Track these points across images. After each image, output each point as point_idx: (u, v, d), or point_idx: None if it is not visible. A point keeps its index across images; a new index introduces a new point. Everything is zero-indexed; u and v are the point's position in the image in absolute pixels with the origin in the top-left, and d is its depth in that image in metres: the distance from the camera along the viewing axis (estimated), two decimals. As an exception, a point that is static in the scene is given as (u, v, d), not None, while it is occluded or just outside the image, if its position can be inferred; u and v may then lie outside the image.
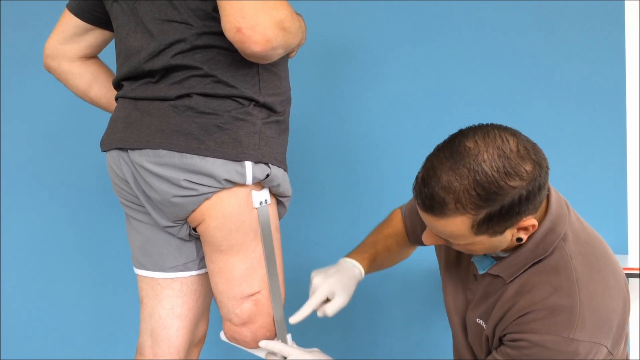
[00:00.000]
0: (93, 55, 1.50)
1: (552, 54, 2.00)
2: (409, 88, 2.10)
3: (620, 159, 1.90)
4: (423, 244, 1.52)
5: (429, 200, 1.10)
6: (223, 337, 1.42)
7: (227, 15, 1.12)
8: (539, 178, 1.09)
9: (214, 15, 1.20)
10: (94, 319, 2.33)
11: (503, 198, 1.07)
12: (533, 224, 1.13)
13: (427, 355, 2.14)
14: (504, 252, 1.22)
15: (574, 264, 1.16)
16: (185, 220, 1.33)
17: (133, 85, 1.30)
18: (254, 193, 1.29)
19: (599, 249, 1.22)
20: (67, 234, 2.32)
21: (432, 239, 1.23)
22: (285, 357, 1.36)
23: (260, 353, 1.41)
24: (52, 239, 2.32)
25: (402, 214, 1.53)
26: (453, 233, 1.13)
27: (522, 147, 1.08)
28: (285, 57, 1.35)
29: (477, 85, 2.05)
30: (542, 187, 1.10)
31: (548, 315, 1.13)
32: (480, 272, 1.28)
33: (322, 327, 1.41)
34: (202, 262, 1.42)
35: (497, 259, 1.25)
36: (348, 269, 1.41)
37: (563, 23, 2.00)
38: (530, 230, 1.15)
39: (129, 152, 1.28)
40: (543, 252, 1.18)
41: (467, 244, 1.17)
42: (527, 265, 1.19)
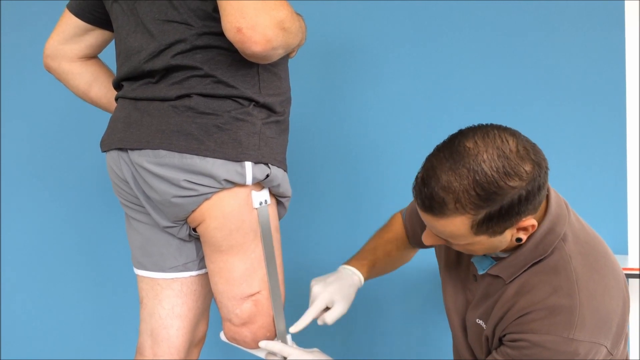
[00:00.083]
0: (93, 56, 1.50)
1: (552, 54, 2.00)
2: (409, 88, 2.10)
3: (620, 159, 1.89)
4: (424, 247, 1.52)
5: (429, 200, 1.10)
6: (223, 337, 1.42)
7: (227, 16, 1.12)
8: (539, 178, 1.09)
9: (214, 16, 1.20)
10: (94, 319, 2.33)
11: (502, 198, 1.07)
12: (532, 224, 1.13)
13: (427, 356, 2.14)
14: (504, 252, 1.22)
15: (574, 264, 1.17)
16: (185, 221, 1.33)
17: (133, 86, 1.30)
18: (254, 193, 1.29)
19: (599, 249, 1.22)
20: (67, 234, 2.32)
21: (431, 239, 1.23)
22: (285, 357, 1.36)
23: (260, 353, 1.41)
24: (52, 239, 2.32)
25: (402, 218, 1.53)
26: (453, 233, 1.13)
27: (521, 147, 1.09)
28: (286, 57, 1.35)
29: (477, 85, 2.05)
30: (541, 187, 1.10)
31: (548, 316, 1.13)
32: (480, 272, 1.28)
33: (322, 327, 1.41)
34: (202, 262, 1.42)
35: (496, 260, 1.25)
36: (347, 277, 1.41)
37: (563, 23, 1.99)
38: (530, 231, 1.15)
39: (129, 152, 1.28)
40: (543, 252, 1.18)
41: (466, 244, 1.17)
42: (526, 266, 1.19)
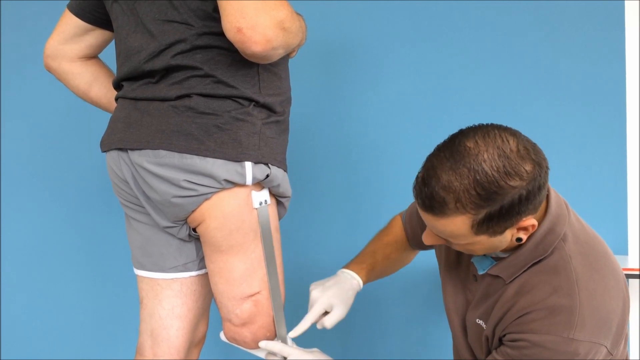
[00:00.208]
0: (93, 56, 1.50)
1: (552, 54, 2.00)
2: (409, 88, 2.10)
3: (620, 159, 1.89)
4: (424, 248, 1.52)
5: (429, 200, 1.10)
6: (223, 337, 1.42)
7: (227, 16, 1.12)
8: (539, 178, 1.09)
9: (214, 16, 1.20)
10: (94, 319, 2.33)
11: (503, 198, 1.07)
12: (533, 224, 1.13)
13: (427, 356, 2.14)
14: (504, 252, 1.22)
15: (574, 264, 1.17)
16: (185, 221, 1.33)
17: (133, 86, 1.30)
18: (254, 193, 1.29)
19: (599, 249, 1.22)
20: (67, 234, 2.32)
21: (432, 239, 1.23)
22: (285, 357, 1.36)
23: (260, 353, 1.41)
24: (52, 239, 2.32)
25: (402, 220, 1.53)
26: (453, 233, 1.13)
27: (522, 147, 1.09)
28: (286, 57, 1.35)
29: (477, 85, 2.05)
30: (542, 187, 1.10)
31: (548, 316, 1.13)
32: (480, 272, 1.28)
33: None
34: (202, 262, 1.42)
35: (496, 260, 1.25)
36: (346, 281, 1.41)
37: (563, 23, 1.99)
38: (530, 231, 1.15)
39: (129, 152, 1.28)
40: (543, 252, 1.18)
41: (467, 244, 1.17)
42: (526, 266, 1.19)
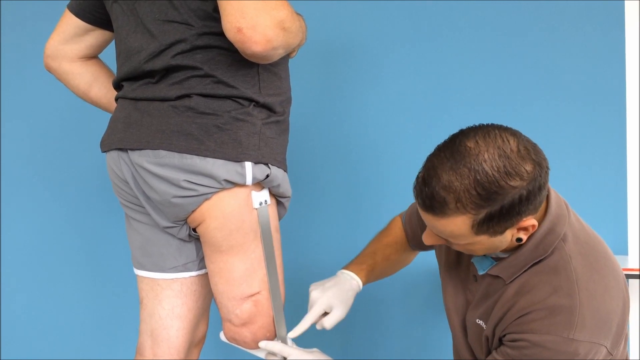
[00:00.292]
0: (93, 56, 1.50)
1: (552, 54, 2.00)
2: (409, 88, 2.10)
3: (620, 159, 1.89)
4: (424, 249, 1.52)
5: (430, 200, 1.10)
6: (223, 337, 1.42)
7: (227, 16, 1.12)
8: (539, 178, 1.09)
9: (215, 16, 1.20)
10: (94, 319, 2.33)
11: (503, 198, 1.07)
12: (533, 224, 1.13)
13: (427, 356, 2.14)
14: (504, 252, 1.22)
15: (574, 265, 1.17)
16: (185, 221, 1.33)
17: (133, 86, 1.30)
18: (254, 193, 1.29)
19: (599, 250, 1.22)
20: (67, 234, 2.32)
21: (432, 239, 1.23)
22: (285, 357, 1.36)
23: (260, 353, 1.41)
24: (52, 239, 2.32)
25: (402, 221, 1.53)
26: (453, 233, 1.13)
27: (522, 147, 1.09)
28: (286, 57, 1.35)
29: (477, 85, 2.05)
30: (542, 187, 1.10)
31: (548, 316, 1.13)
32: (480, 272, 1.27)
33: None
34: (202, 262, 1.41)
35: (496, 260, 1.25)
36: (346, 282, 1.42)
37: (563, 23, 1.99)
38: (530, 231, 1.15)
39: (129, 152, 1.28)
40: (543, 252, 1.18)
41: (467, 244, 1.17)
42: (527, 266, 1.19)
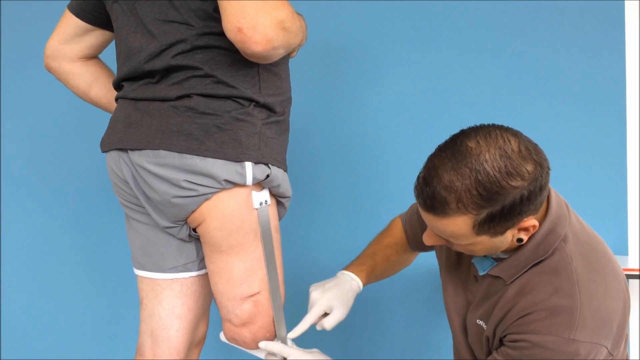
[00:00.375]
0: (94, 56, 1.50)
1: (552, 54, 2.00)
2: (409, 88, 2.10)
3: (620, 159, 1.89)
4: (424, 250, 1.52)
5: (431, 200, 1.10)
6: (223, 337, 1.42)
7: (228, 16, 1.12)
8: (540, 178, 1.09)
9: (215, 16, 1.20)
10: (94, 319, 2.33)
11: (504, 198, 1.07)
12: (534, 225, 1.13)
13: (427, 356, 2.14)
14: (505, 253, 1.22)
15: (575, 265, 1.16)
16: (185, 221, 1.33)
17: (133, 86, 1.30)
18: (254, 194, 1.29)
19: (599, 250, 1.22)
20: (67, 234, 2.32)
21: (433, 239, 1.22)
22: (285, 357, 1.36)
23: (260, 354, 1.41)
24: (52, 239, 2.32)
25: (402, 222, 1.53)
26: (454, 233, 1.13)
27: (523, 147, 1.09)
28: (286, 57, 1.35)
29: (477, 85, 2.05)
30: (543, 187, 1.10)
31: (549, 316, 1.13)
32: (481, 273, 1.27)
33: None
34: (202, 262, 1.41)
35: (497, 260, 1.25)
36: (346, 282, 1.41)
37: (563, 23, 1.99)
38: (531, 231, 1.15)
39: (129, 152, 1.28)
40: (543, 253, 1.18)
41: (468, 244, 1.17)
42: (527, 266, 1.19)
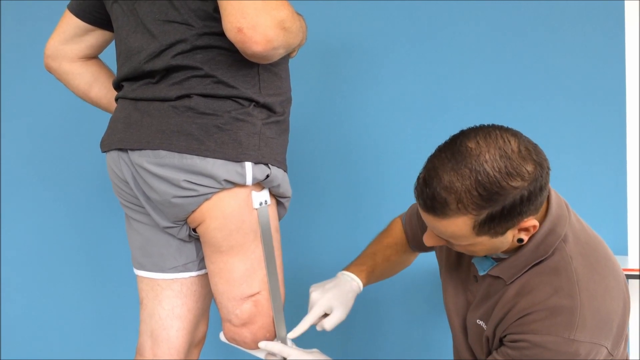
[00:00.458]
0: (94, 56, 1.50)
1: (552, 54, 2.00)
2: (409, 88, 2.10)
3: (620, 159, 1.89)
4: (424, 250, 1.52)
5: (431, 201, 1.10)
6: (223, 338, 1.42)
7: (228, 16, 1.12)
8: (540, 178, 1.09)
9: (215, 16, 1.20)
10: (94, 319, 2.33)
11: (505, 198, 1.07)
12: (534, 225, 1.13)
13: (427, 356, 2.14)
14: (505, 253, 1.22)
15: (575, 265, 1.16)
16: (185, 221, 1.33)
17: (133, 86, 1.30)
18: (254, 194, 1.29)
19: (599, 250, 1.22)
20: (67, 234, 2.32)
21: (433, 240, 1.22)
22: (285, 357, 1.36)
23: (260, 354, 1.41)
24: (52, 239, 2.32)
25: (402, 222, 1.53)
26: (454, 234, 1.13)
27: (523, 147, 1.08)
28: (286, 57, 1.35)
29: (477, 85, 2.05)
30: (543, 187, 1.10)
31: (549, 316, 1.13)
32: (481, 273, 1.27)
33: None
34: (202, 263, 1.41)
35: (497, 260, 1.25)
36: (346, 283, 1.41)
37: (563, 23, 1.99)
38: (531, 231, 1.15)
39: (129, 152, 1.28)
40: (543, 253, 1.18)
41: (468, 245, 1.17)
42: (527, 267, 1.19)
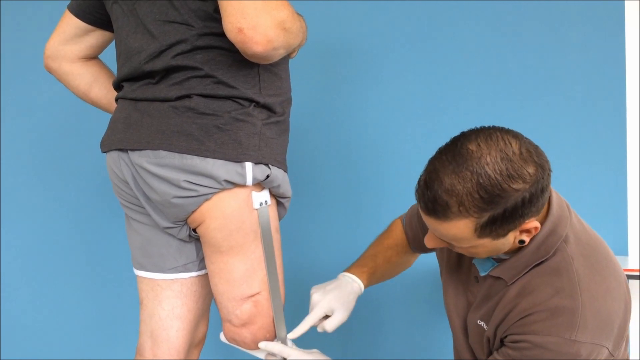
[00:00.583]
0: (94, 56, 1.50)
1: (551, 54, 2.00)
2: (409, 88, 2.10)
3: (620, 159, 1.90)
4: (425, 251, 1.51)
5: (432, 204, 1.10)
6: (223, 338, 1.42)
7: (228, 16, 1.12)
8: (542, 180, 1.09)
9: (215, 16, 1.20)
10: (94, 319, 2.33)
11: (506, 201, 1.07)
12: (536, 227, 1.13)
13: (427, 357, 2.14)
14: (506, 254, 1.22)
15: (576, 266, 1.16)
16: (185, 221, 1.32)
17: (133, 86, 1.30)
18: (254, 194, 1.29)
19: (600, 251, 1.22)
20: (67, 234, 2.32)
21: (434, 242, 1.22)
22: (285, 358, 1.36)
23: (260, 354, 1.41)
24: (52, 239, 2.32)
25: (402, 223, 1.53)
26: (456, 236, 1.13)
27: (524, 149, 1.08)
28: (286, 57, 1.35)
29: (477, 86, 2.05)
30: (544, 189, 1.10)
31: (550, 317, 1.13)
32: (482, 274, 1.27)
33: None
34: (202, 263, 1.41)
35: (498, 261, 1.24)
36: (347, 284, 1.41)
37: (563, 23, 1.99)
38: (533, 233, 1.15)
39: (129, 153, 1.28)
40: (545, 253, 1.18)
41: (469, 247, 1.16)
42: (528, 267, 1.19)
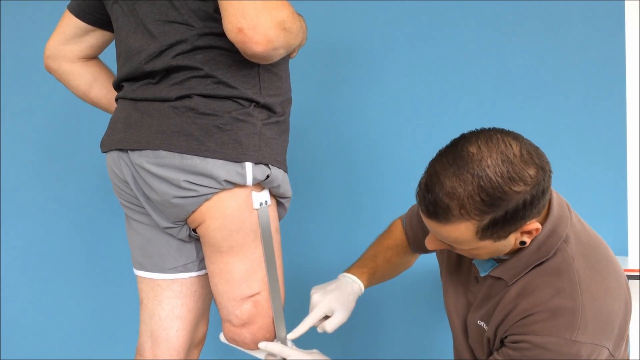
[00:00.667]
0: (94, 56, 1.50)
1: (552, 54, 2.00)
2: (409, 88, 2.10)
3: (620, 159, 1.90)
4: (425, 252, 1.51)
5: (433, 207, 1.10)
6: (223, 338, 1.42)
7: (228, 16, 1.12)
8: (543, 182, 1.09)
9: (215, 16, 1.20)
10: (94, 319, 2.32)
11: (507, 203, 1.07)
12: (537, 228, 1.13)
13: (427, 357, 2.14)
14: (506, 254, 1.22)
15: (576, 266, 1.16)
16: (185, 222, 1.32)
17: (133, 86, 1.30)
18: (254, 194, 1.29)
19: (601, 251, 1.22)
20: (67, 234, 2.32)
21: (435, 244, 1.22)
22: (285, 358, 1.36)
23: (260, 354, 1.41)
24: (52, 239, 2.32)
25: (402, 224, 1.53)
26: (457, 239, 1.13)
27: (525, 151, 1.08)
28: (286, 57, 1.35)
29: (477, 86, 2.05)
30: (545, 191, 1.10)
31: (550, 317, 1.13)
32: (482, 274, 1.27)
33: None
34: (202, 263, 1.41)
35: (498, 261, 1.24)
36: (347, 285, 1.41)
37: (563, 23, 1.99)
38: (534, 234, 1.15)
39: (129, 153, 1.28)
40: (545, 254, 1.18)
41: (471, 249, 1.16)
42: (529, 268, 1.19)
